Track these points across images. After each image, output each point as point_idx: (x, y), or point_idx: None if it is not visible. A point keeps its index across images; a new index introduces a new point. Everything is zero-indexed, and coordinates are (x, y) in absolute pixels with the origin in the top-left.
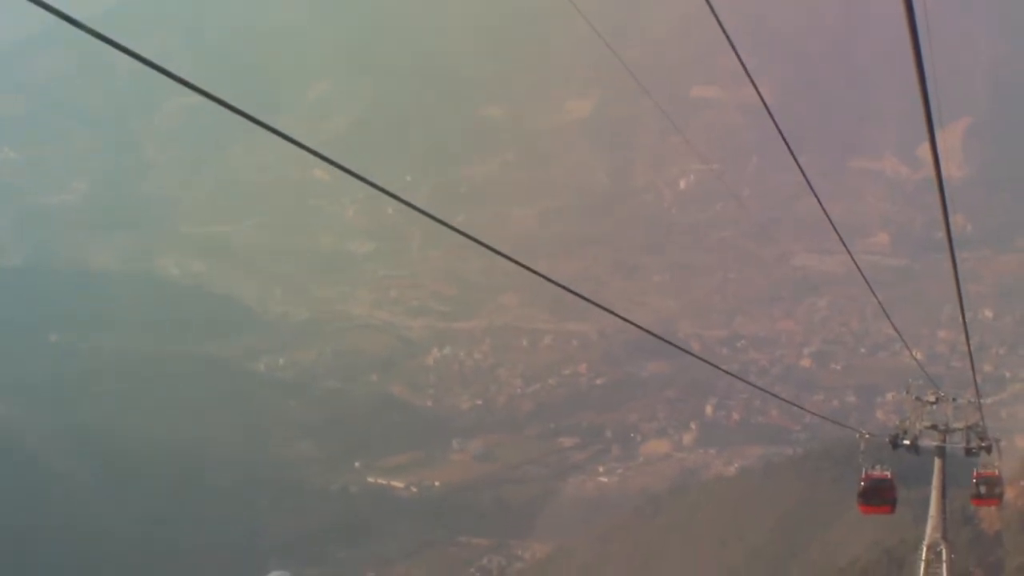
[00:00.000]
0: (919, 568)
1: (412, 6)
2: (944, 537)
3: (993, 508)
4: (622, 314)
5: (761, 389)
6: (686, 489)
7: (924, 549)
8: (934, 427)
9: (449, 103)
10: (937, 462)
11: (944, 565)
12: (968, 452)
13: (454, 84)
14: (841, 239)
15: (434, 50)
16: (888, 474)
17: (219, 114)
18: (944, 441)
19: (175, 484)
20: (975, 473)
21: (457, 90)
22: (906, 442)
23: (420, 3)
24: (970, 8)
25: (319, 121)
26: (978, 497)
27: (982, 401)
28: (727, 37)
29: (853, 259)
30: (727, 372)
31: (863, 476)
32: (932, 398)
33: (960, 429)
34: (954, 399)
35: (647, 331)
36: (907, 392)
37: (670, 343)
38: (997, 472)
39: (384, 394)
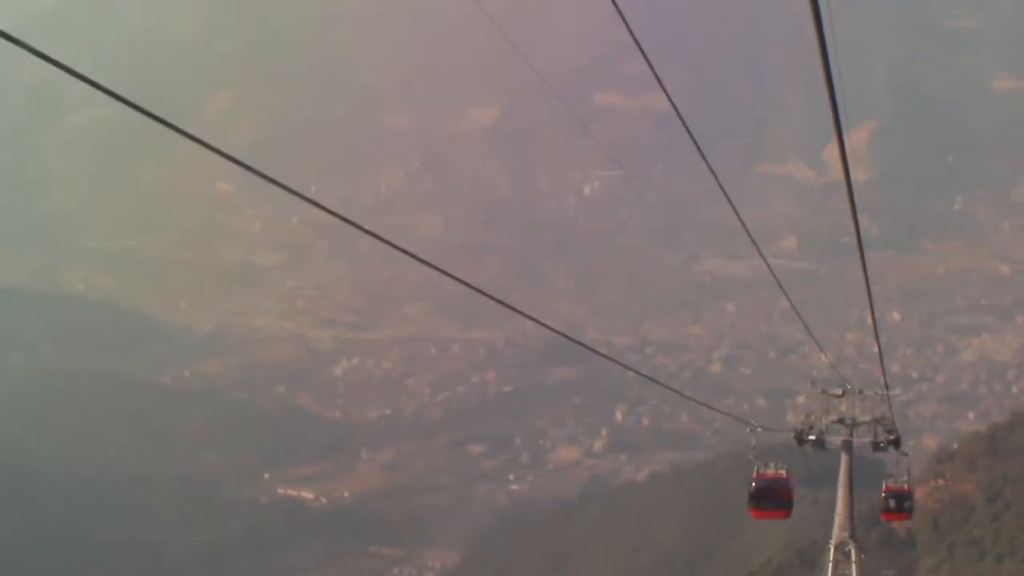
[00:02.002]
0: (827, 569)
1: (310, 17)
2: (852, 536)
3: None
4: (529, 323)
5: (676, 392)
6: (597, 495)
7: (831, 549)
8: (840, 421)
9: (352, 113)
10: (844, 457)
11: (853, 566)
12: (876, 447)
13: (357, 94)
14: (754, 242)
15: (335, 60)
16: (784, 473)
17: (123, 128)
18: (851, 435)
19: (82, 499)
20: (884, 487)
21: (360, 100)
22: (811, 437)
23: (318, 13)
24: (873, 13)
25: (221, 134)
26: (887, 511)
27: (890, 396)
28: (635, 41)
29: (767, 263)
30: (643, 376)
31: (754, 476)
32: (839, 392)
33: (867, 422)
34: (861, 391)
35: (564, 335)
36: (812, 386)
37: (586, 347)
38: (907, 487)
39: (292, 405)
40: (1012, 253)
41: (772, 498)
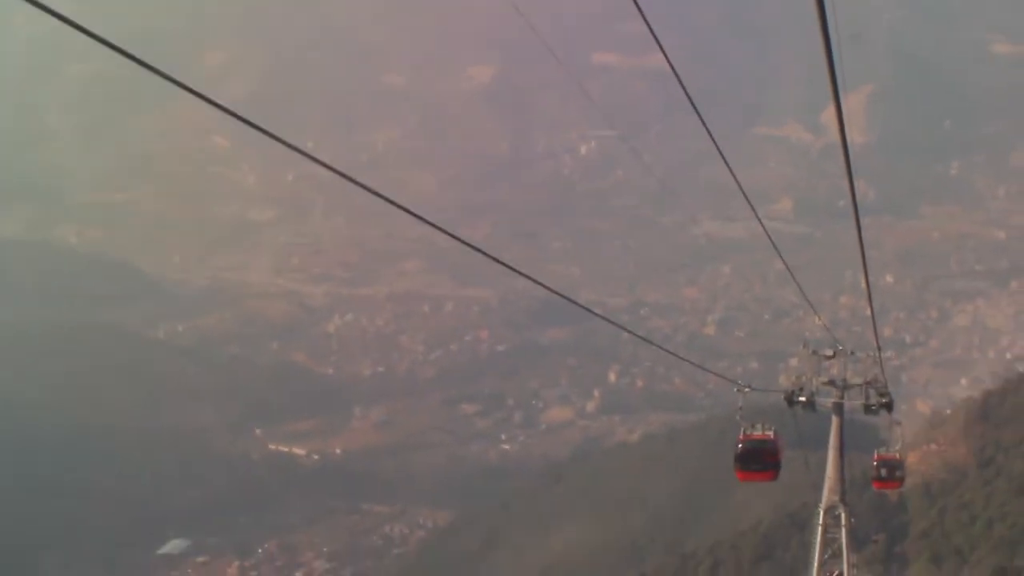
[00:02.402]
0: (816, 532)
1: None
2: (843, 500)
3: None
4: (525, 281)
5: (669, 352)
6: (589, 456)
7: (821, 512)
8: (831, 383)
9: (350, 70)
10: (834, 420)
11: (843, 529)
12: (867, 409)
13: (354, 51)
14: (751, 205)
15: (333, 16)
16: (771, 434)
17: (118, 83)
18: (842, 397)
19: (73, 453)
20: (876, 456)
21: (358, 57)
22: (802, 399)
23: None
24: None
25: (216, 89)
26: (879, 480)
27: (883, 360)
28: (635, 0)
29: (763, 226)
30: (637, 336)
31: (740, 437)
32: (830, 353)
33: (859, 385)
34: (852, 352)
35: (560, 295)
36: (803, 347)
37: (582, 307)
38: (899, 455)
39: (285, 361)
40: (1008, 219)
41: (759, 460)
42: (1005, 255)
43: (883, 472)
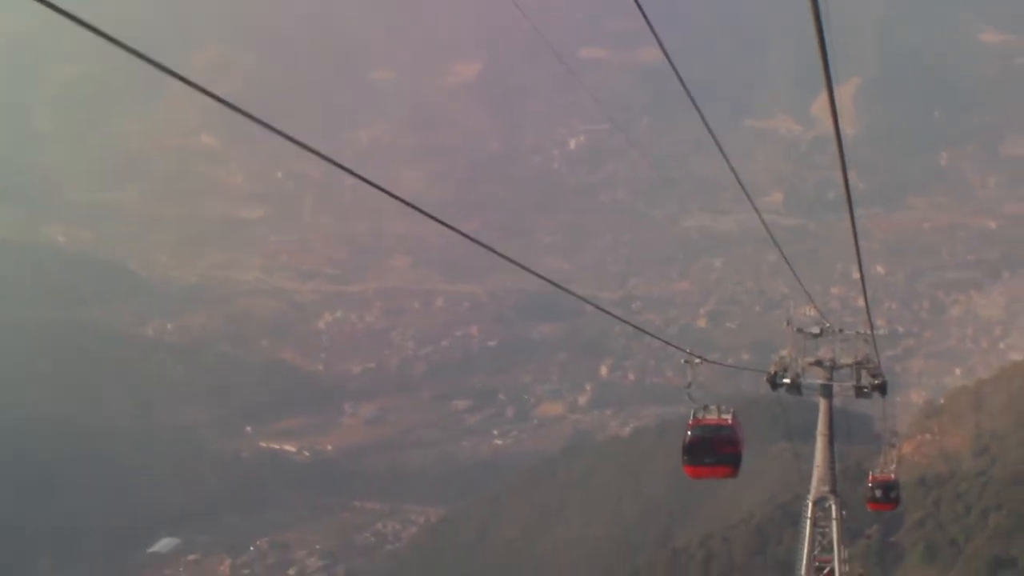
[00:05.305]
0: (805, 525)
1: None
2: (833, 491)
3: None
4: (514, 276)
5: (665, 342)
6: (581, 450)
7: (810, 505)
8: (819, 364)
9: (336, 67)
10: (823, 404)
11: (834, 522)
12: (859, 392)
13: (341, 48)
14: (747, 194)
15: (319, 14)
16: (728, 419)
17: (106, 82)
18: (830, 379)
19: (62, 452)
20: (871, 476)
21: (345, 55)
22: (786, 380)
23: None
24: None
25: (206, 88)
26: (874, 501)
27: (875, 336)
28: None
29: (760, 216)
30: (633, 326)
31: (690, 423)
32: (816, 330)
33: (849, 365)
34: (841, 330)
35: (558, 285)
36: (787, 324)
37: (580, 297)
38: (893, 476)
39: (275, 359)
40: (999, 208)
41: (712, 451)
42: (997, 245)
43: (878, 494)
